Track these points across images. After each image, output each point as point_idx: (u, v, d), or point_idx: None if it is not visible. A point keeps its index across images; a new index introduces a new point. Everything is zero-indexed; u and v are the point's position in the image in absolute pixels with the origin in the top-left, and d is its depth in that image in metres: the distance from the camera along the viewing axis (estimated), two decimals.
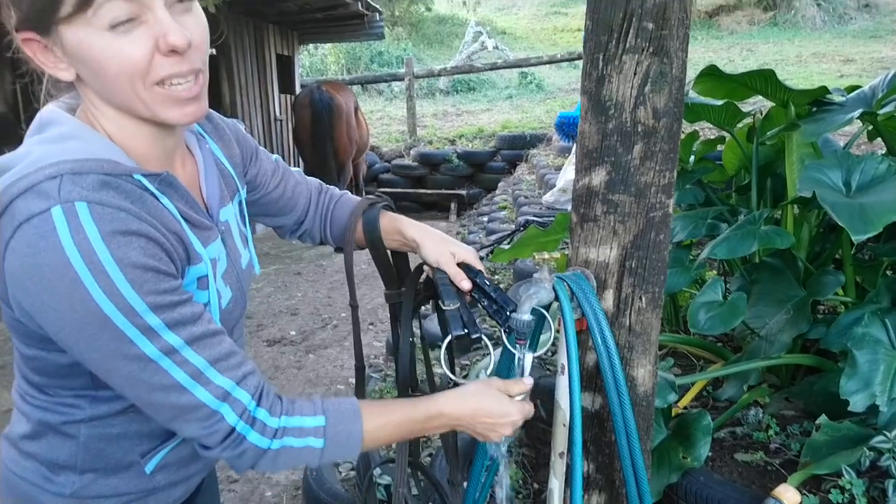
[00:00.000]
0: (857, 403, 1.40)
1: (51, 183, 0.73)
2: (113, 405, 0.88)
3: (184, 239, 0.84)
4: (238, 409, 0.83)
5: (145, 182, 0.81)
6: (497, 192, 7.96)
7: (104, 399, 0.87)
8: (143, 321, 0.75)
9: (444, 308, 1.07)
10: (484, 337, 1.06)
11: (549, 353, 2.45)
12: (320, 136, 6.74)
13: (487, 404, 1.00)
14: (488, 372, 1.14)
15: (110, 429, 0.89)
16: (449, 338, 1.05)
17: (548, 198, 5.26)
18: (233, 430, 0.83)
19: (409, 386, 1.18)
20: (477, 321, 1.06)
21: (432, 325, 3.39)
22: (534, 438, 2.06)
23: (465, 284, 1.11)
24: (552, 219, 2.97)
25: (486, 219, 6.38)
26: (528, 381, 1.06)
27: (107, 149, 0.81)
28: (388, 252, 1.23)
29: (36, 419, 0.89)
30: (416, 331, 1.23)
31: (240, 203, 1.06)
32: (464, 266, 1.14)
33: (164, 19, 0.77)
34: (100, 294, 0.72)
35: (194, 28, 0.81)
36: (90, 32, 0.75)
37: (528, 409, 1.05)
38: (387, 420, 0.95)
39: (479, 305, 1.12)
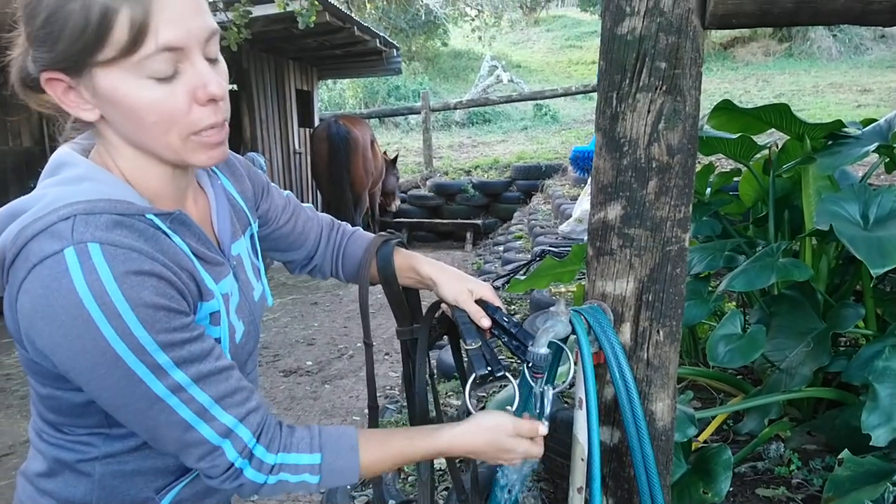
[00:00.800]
0: (880, 438, 1.38)
1: (64, 224, 0.75)
2: (127, 442, 0.89)
3: (195, 276, 0.86)
4: (238, 446, 0.85)
5: (157, 221, 0.83)
6: (513, 221, 7.99)
7: (118, 437, 0.88)
8: (152, 360, 0.77)
9: (466, 347, 1.08)
10: (508, 374, 1.07)
11: (568, 387, 2.45)
12: (337, 168, 6.87)
13: (487, 445, 1.01)
14: (513, 409, 1.13)
15: (124, 466, 0.90)
16: (472, 376, 1.06)
17: (564, 228, 5.27)
18: (232, 465, 0.86)
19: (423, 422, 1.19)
20: (499, 357, 1.08)
21: (446, 354, 3.40)
22: (552, 473, 2.05)
23: (485, 322, 1.12)
24: (568, 249, 2.98)
25: (501, 248, 6.39)
26: (543, 430, 1.05)
27: (120, 189, 0.82)
28: (401, 288, 1.24)
29: (51, 457, 0.90)
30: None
31: (251, 236, 1.08)
32: (482, 303, 1.15)
33: (203, 70, 0.80)
34: (112, 334, 0.74)
35: (222, 80, 0.84)
36: (127, 78, 0.77)
37: (536, 451, 1.05)
38: (384, 455, 0.96)
39: (499, 341, 1.13)
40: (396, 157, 8.58)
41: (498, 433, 1.01)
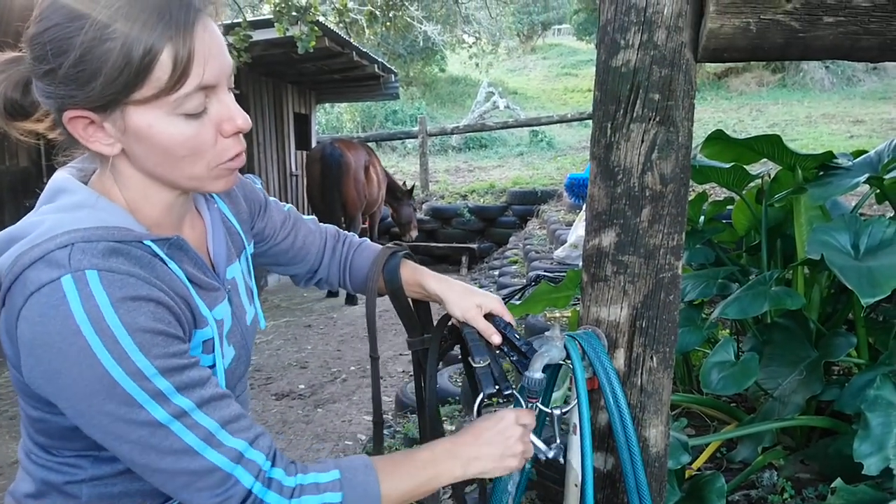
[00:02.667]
0: (871, 467, 1.39)
1: (62, 252, 0.75)
2: (115, 465, 0.88)
3: (191, 303, 0.86)
4: (253, 471, 0.82)
5: (155, 248, 0.83)
6: (508, 246, 8.01)
7: (106, 459, 0.87)
8: (152, 385, 0.76)
9: (475, 365, 1.09)
10: (516, 393, 1.08)
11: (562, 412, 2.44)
12: (328, 190, 7.00)
13: (499, 435, 1.01)
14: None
15: (112, 488, 0.89)
16: (480, 396, 1.07)
17: (559, 253, 5.29)
18: (249, 492, 0.81)
19: (435, 436, 1.19)
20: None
21: (442, 380, 3.39)
22: (545, 500, 2.03)
23: (496, 339, 1.12)
24: (563, 274, 2.99)
25: (497, 273, 6.40)
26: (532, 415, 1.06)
27: (118, 216, 0.83)
28: (410, 300, 1.24)
29: (40, 478, 0.90)
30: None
31: (246, 259, 1.08)
32: (492, 317, 1.15)
33: (231, 105, 0.83)
34: (109, 359, 0.73)
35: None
36: (161, 116, 0.78)
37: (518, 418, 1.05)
38: (398, 468, 0.93)
39: (507, 358, 1.14)
40: (412, 189, 8.66)
41: (500, 421, 1.02)
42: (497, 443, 1.00)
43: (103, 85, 0.75)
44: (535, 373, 1.09)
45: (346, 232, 1.31)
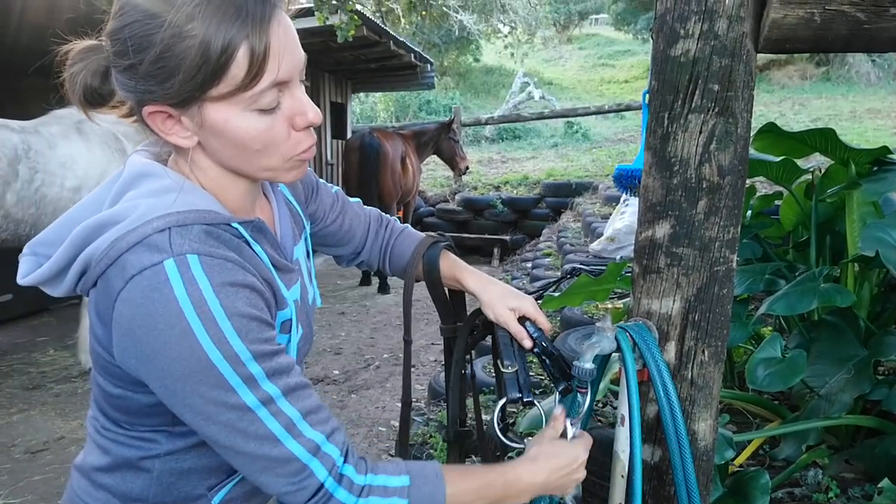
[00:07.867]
0: None
1: (160, 236, 0.76)
2: (188, 439, 0.90)
3: (273, 286, 0.87)
4: (328, 465, 0.83)
5: (241, 230, 0.85)
6: (541, 238, 7.97)
7: (180, 434, 0.89)
8: (246, 370, 0.77)
9: (502, 370, 1.10)
10: (537, 403, 1.11)
11: (600, 405, 2.44)
12: (366, 178, 7.04)
13: (558, 458, 1.02)
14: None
15: (183, 463, 0.91)
16: (503, 400, 1.09)
17: (595, 246, 5.25)
18: (321, 486, 0.82)
19: (457, 421, 1.23)
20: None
21: (479, 371, 3.42)
22: (583, 490, 2.04)
23: (527, 343, 1.13)
24: (601, 268, 2.98)
25: (529, 265, 6.39)
26: (559, 411, 1.10)
27: (205, 200, 0.84)
28: (446, 290, 1.26)
29: (113, 453, 0.91)
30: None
31: (306, 239, 1.10)
32: (524, 320, 1.16)
33: (303, 99, 0.83)
34: (208, 342, 0.75)
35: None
36: (236, 111, 0.79)
37: (588, 441, 1.09)
38: (466, 485, 0.94)
39: (537, 360, 1.15)
40: (452, 121, 8.47)
41: (551, 445, 1.04)
42: (566, 480, 1.04)
43: (181, 82, 0.76)
44: (586, 363, 1.09)
45: (388, 216, 1.33)
